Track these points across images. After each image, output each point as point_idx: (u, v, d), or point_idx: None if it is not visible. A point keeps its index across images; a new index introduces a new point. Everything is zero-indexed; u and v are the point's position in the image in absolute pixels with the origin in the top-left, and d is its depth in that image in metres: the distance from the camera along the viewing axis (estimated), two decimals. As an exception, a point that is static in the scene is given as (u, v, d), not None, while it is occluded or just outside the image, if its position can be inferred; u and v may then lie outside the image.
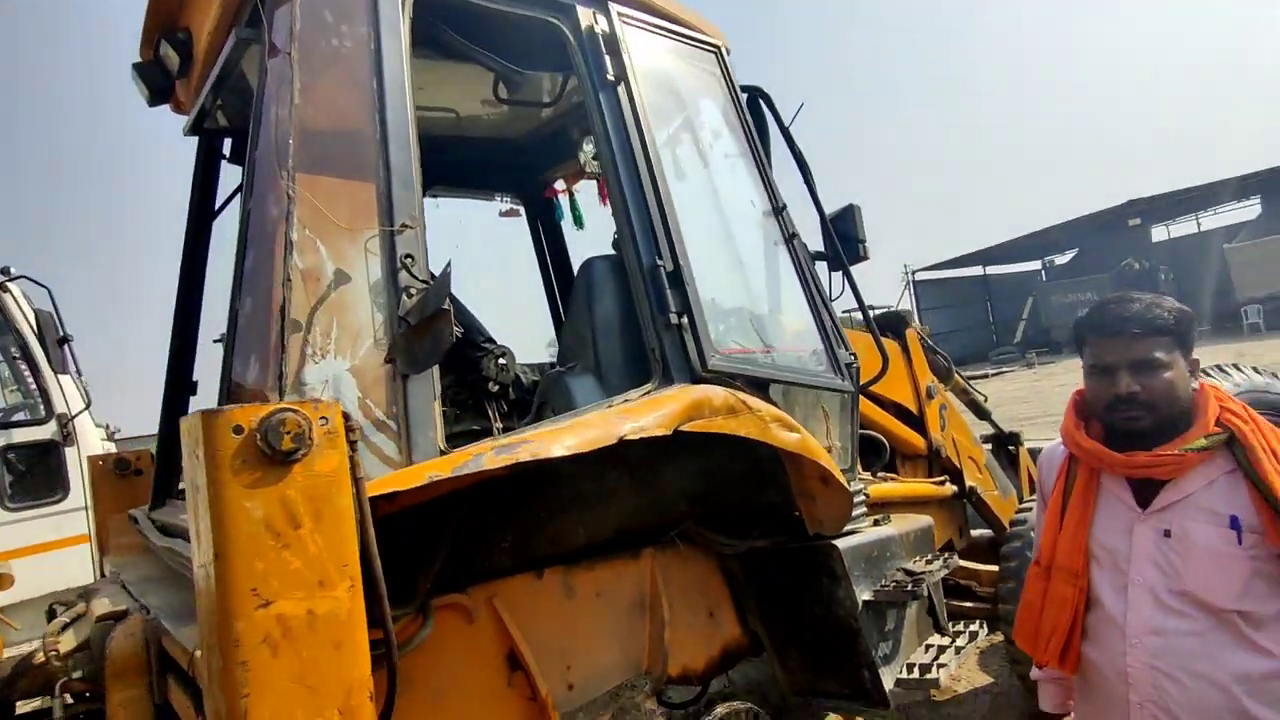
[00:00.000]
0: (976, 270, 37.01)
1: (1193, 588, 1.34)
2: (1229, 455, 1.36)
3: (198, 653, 1.37)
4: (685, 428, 1.76)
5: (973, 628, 2.86)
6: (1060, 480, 1.60)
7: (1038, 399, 14.81)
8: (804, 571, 2.59)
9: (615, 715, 2.14)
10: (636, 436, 1.59)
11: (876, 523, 2.96)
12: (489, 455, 1.40)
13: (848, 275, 2.92)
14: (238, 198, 2.67)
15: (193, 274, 3.02)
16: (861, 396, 3.41)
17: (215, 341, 2.36)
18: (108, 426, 6.42)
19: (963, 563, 3.64)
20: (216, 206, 2.98)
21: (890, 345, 3.45)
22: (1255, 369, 3.79)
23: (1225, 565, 1.32)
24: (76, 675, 1.63)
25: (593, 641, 2.27)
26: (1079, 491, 1.53)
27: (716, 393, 1.91)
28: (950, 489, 3.81)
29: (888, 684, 2.57)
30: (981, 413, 4.48)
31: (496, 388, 2.72)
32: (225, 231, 2.95)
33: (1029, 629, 1.59)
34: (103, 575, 3.23)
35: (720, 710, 1.83)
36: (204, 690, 1.13)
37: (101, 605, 1.85)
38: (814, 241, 3.00)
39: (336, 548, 1.11)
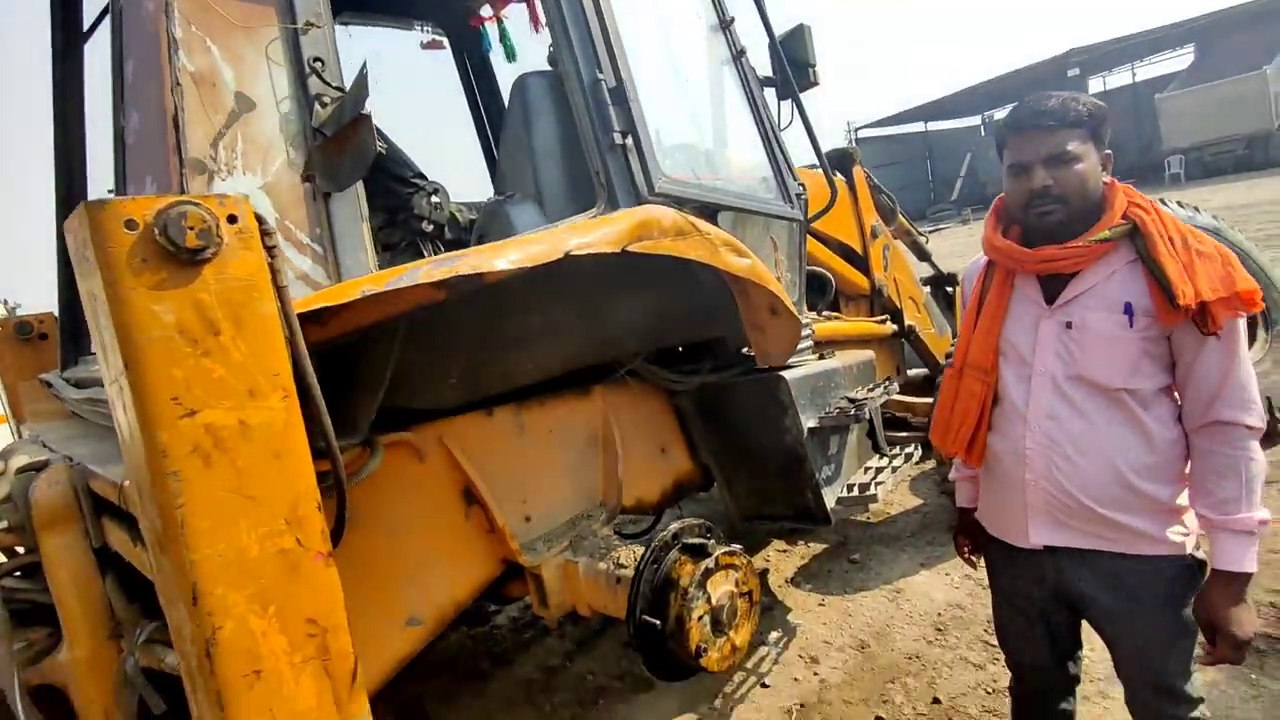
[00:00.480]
0: (919, 127, 36.74)
1: (1087, 372, 1.42)
2: (1131, 247, 1.40)
3: (126, 482, 1.30)
4: (633, 248, 1.69)
5: (908, 450, 3.02)
6: (977, 287, 1.65)
7: (972, 253, 15.15)
8: (752, 404, 2.65)
9: (573, 543, 2.20)
10: (583, 252, 1.51)
11: (821, 357, 3.03)
12: (425, 269, 1.30)
13: (797, 102, 2.78)
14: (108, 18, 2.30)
15: (68, 112, 2.66)
16: (808, 235, 3.38)
17: (110, 192, 2.11)
18: (5, 301, 5.95)
19: (899, 397, 3.81)
20: (86, 27, 2.58)
21: (837, 183, 3.38)
22: (1179, 203, 3.90)
23: (1117, 349, 1.39)
24: (2, 527, 1.55)
25: (547, 476, 2.29)
26: (993, 294, 1.58)
27: (665, 213, 1.82)
28: (890, 328, 3.92)
29: (829, 503, 2.72)
30: (922, 254, 4.54)
31: (430, 227, 2.56)
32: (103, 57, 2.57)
33: (942, 425, 1.67)
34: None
35: (674, 525, 1.89)
36: (137, 513, 1.07)
37: (19, 460, 1.74)
38: (762, 68, 2.83)
39: (265, 357, 1.02)
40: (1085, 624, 1.66)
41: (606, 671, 3.05)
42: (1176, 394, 1.44)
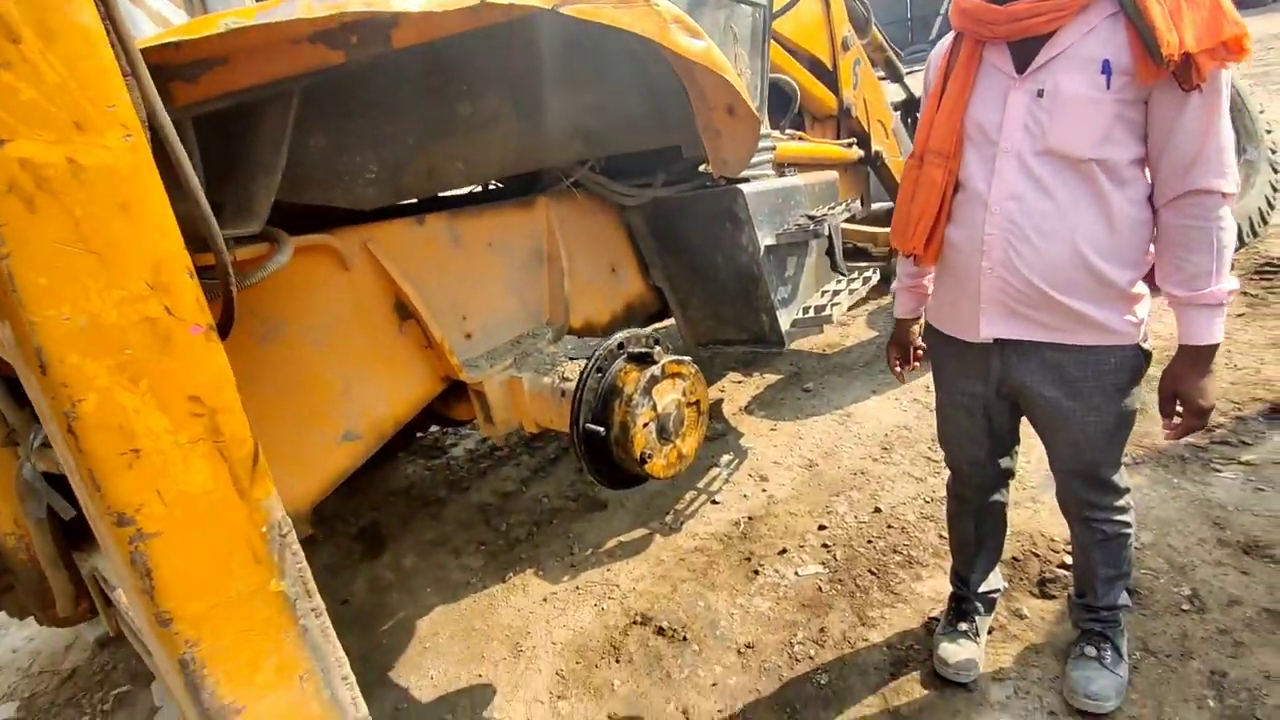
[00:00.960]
0: (901, -43, 34.05)
1: (1057, 143, 1.32)
2: (1112, 0, 1.24)
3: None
4: (565, 10, 1.45)
5: (867, 274, 2.95)
6: (942, 66, 1.50)
7: (944, 97, 14.54)
8: (707, 220, 2.50)
9: (517, 360, 2.12)
10: (504, 1, 1.27)
11: (782, 174, 2.85)
12: (305, 2, 1.07)
13: None
14: None
15: None
16: (775, 45, 3.08)
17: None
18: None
19: (861, 227, 3.70)
20: None
21: (809, -17, 3.04)
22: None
23: (1090, 113, 1.29)
24: None
25: (489, 292, 2.16)
26: (959, 70, 1.45)
27: (603, -28, 1.56)
28: (857, 153, 3.72)
29: (784, 325, 2.66)
30: (895, 73, 4.26)
31: None
32: None
33: (901, 220, 1.58)
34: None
35: (619, 335, 1.80)
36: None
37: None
38: None
39: (91, 83, 0.83)
40: (1024, 423, 1.68)
41: (561, 494, 3.11)
42: (1149, 169, 1.35)
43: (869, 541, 2.42)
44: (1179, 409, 1.41)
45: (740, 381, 3.90)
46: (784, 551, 2.45)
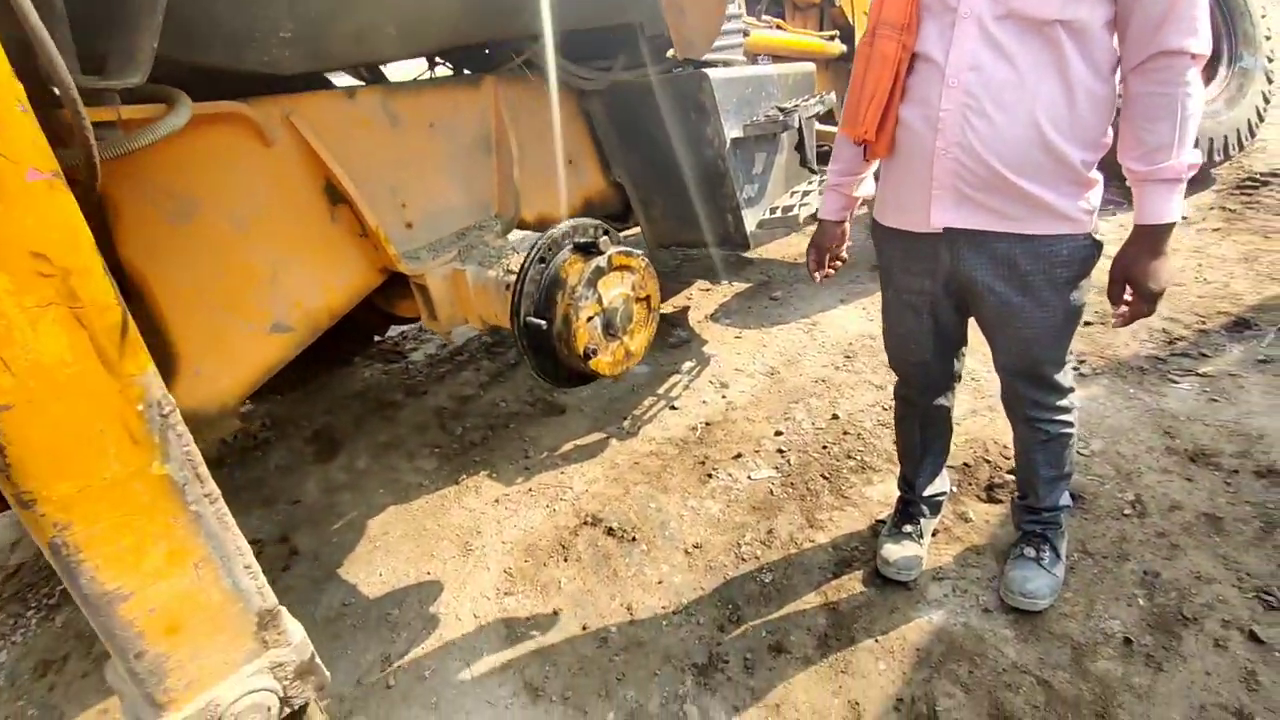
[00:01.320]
0: None
1: (1020, 4, 1.22)
2: None
3: None
4: None
5: (839, 175, 2.82)
6: None
7: None
8: (670, 108, 2.34)
9: (462, 253, 2.00)
10: None
11: (754, 63, 2.67)
12: None
13: None
14: None
15: None
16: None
17: None
18: None
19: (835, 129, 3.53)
20: None
21: None
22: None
23: None
24: None
25: (430, 179, 2.01)
26: None
27: None
28: (838, 48, 3.50)
29: (750, 226, 2.55)
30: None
31: None
32: None
33: (853, 105, 1.47)
34: None
35: (565, 223, 1.68)
36: None
37: None
38: None
39: None
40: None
41: (519, 399, 3.06)
42: (1117, 33, 1.25)
43: (824, 447, 2.41)
44: (1128, 297, 1.36)
45: (708, 289, 3.81)
46: (739, 456, 2.43)
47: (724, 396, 2.80)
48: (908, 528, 1.90)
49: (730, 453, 2.46)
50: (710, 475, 2.37)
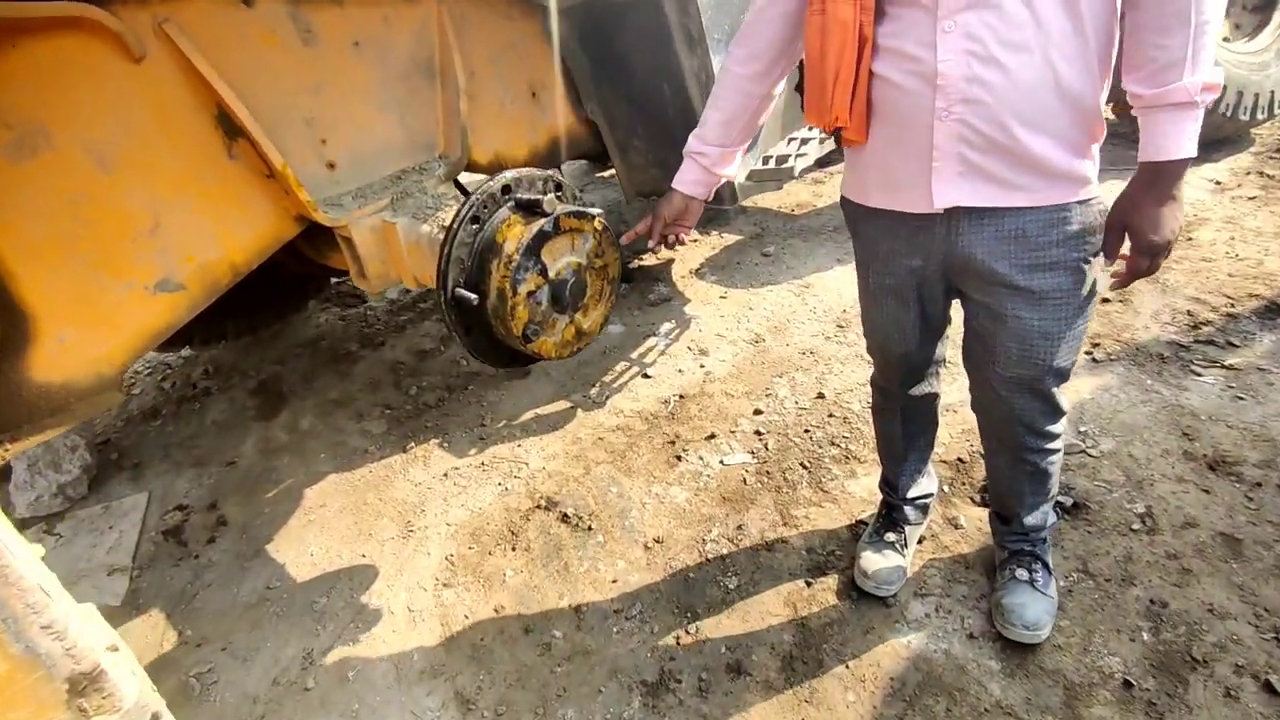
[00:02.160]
0: None
1: None
2: None
3: None
4: None
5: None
6: None
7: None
8: (651, 31, 2.00)
9: (395, 200, 1.71)
10: None
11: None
12: None
13: None
14: None
15: None
16: None
17: None
18: None
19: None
20: None
21: None
22: None
23: None
24: None
25: (358, 110, 1.70)
26: None
27: None
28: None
29: (739, 177, 2.25)
30: None
31: None
32: None
33: (814, 89, 1.20)
34: None
35: (506, 175, 1.40)
36: None
37: None
38: None
39: None
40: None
41: (481, 356, 2.80)
42: None
43: (806, 431, 2.18)
44: (1126, 251, 1.14)
45: (694, 240, 3.51)
46: (712, 437, 2.21)
47: (703, 366, 2.56)
48: (890, 535, 1.69)
49: (703, 432, 2.24)
50: (679, 457, 2.15)
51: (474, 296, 1.34)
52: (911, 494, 1.70)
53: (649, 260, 3.39)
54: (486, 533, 1.99)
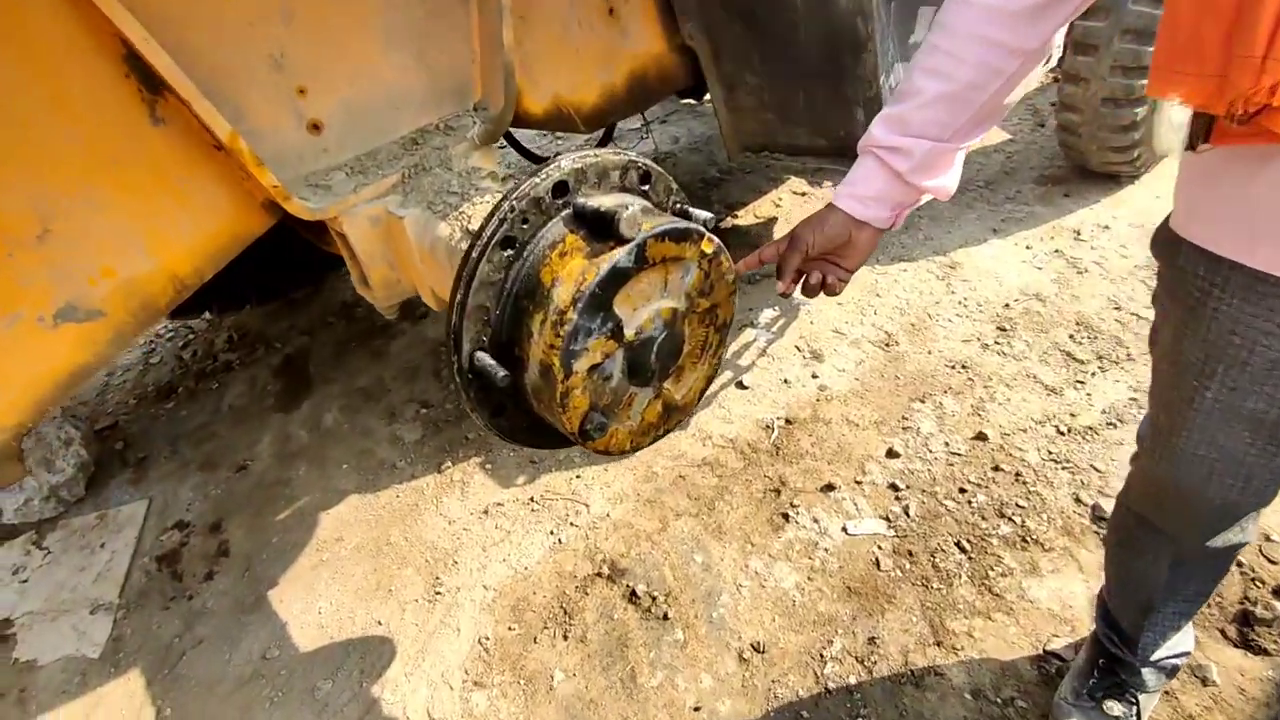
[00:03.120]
0: None
1: None
2: None
3: None
4: None
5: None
6: None
7: None
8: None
9: (408, 178, 1.18)
10: None
11: None
12: None
13: None
14: None
15: None
16: None
17: None
18: None
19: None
20: None
21: None
22: None
23: None
24: None
25: (352, 42, 1.15)
26: None
27: None
28: None
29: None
30: None
31: None
32: None
33: (1187, 34, 0.60)
34: None
35: (565, 162, 0.84)
36: None
37: None
38: None
39: None
40: None
41: (538, 342, 2.30)
42: None
43: (962, 490, 1.61)
44: None
45: (805, 194, 2.84)
46: (830, 488, 1.66)
47: (815, 376, 1.99)
48: (1112, 703, 1.15)
49: (818, 479, 1.69)
50: (786, 516, 1.62)
51: (501, 372, 0.82)
52: (1158, 655, 1.13)
53: (745, 219, 2.76)
54: (532, 606, 1.55)
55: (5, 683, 1.59)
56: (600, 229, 0.82)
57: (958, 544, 1.51)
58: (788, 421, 1.86)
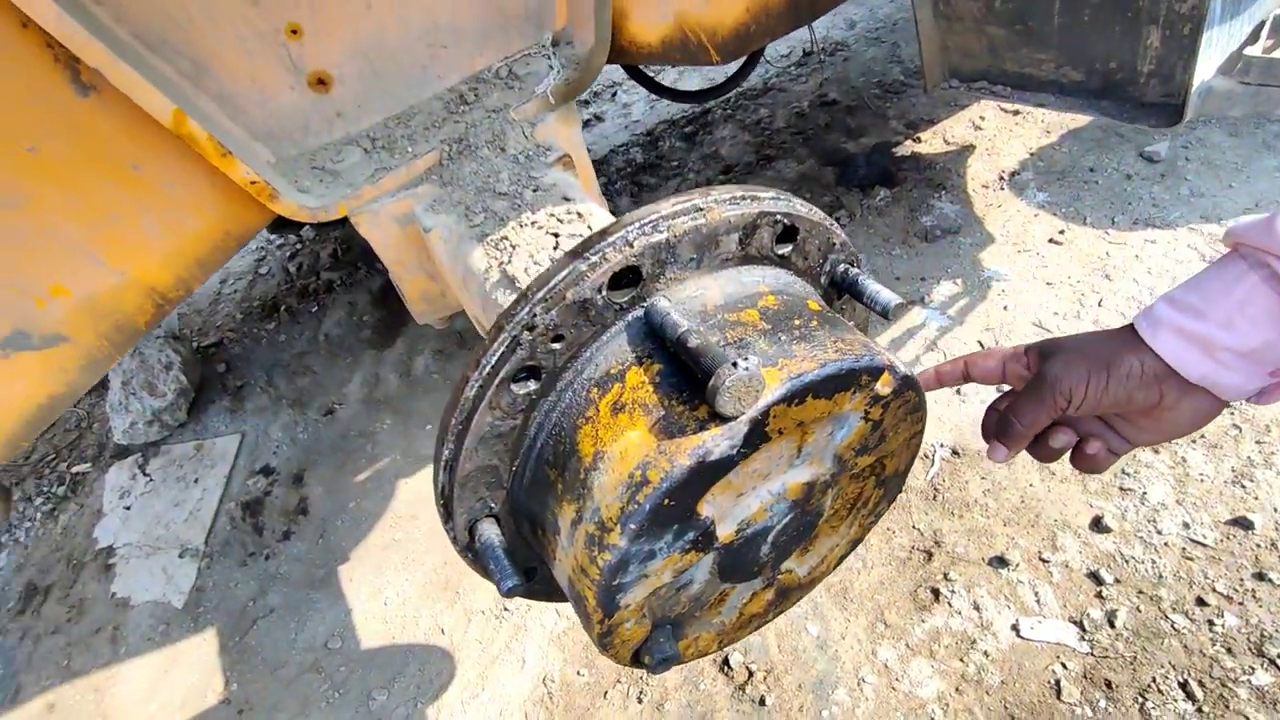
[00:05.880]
0: None
1: None
2: None
3: None
4: None
5: None
6: None
7: None
8: None
9: (446, 158, 0.83)
10: None
11: None
12: None
13: None
14: None
15: None
16: None
17: None
18: None
19: None
20: None
21: None
22: None
23: None
24: None
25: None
26: None
27: None
28: None
29: (1199, 74, 1.02)
30: None
31: None
32: None
33: None
34: None
35: (668, 211, 0.46)
36: None
37: None
38: None
39: None
40: None
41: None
42: None
43: (1202, 603, 1.15)
44: None
45: (1018, 114, 2.16)
46: (1003, 563, 1.26)
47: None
48: None
49: (988, 545, 1.29)
50: (937, 593, 1.25)
51: (511, 583, 0.50)
52: None
53: (930, 144, 2.15)
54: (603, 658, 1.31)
55: (104, 617, 1.62)
56: (689, 369, 0.45)
57: (1183, 685, 1.08)
58: (955, 453, 1.43)
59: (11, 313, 0.78)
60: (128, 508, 1.83)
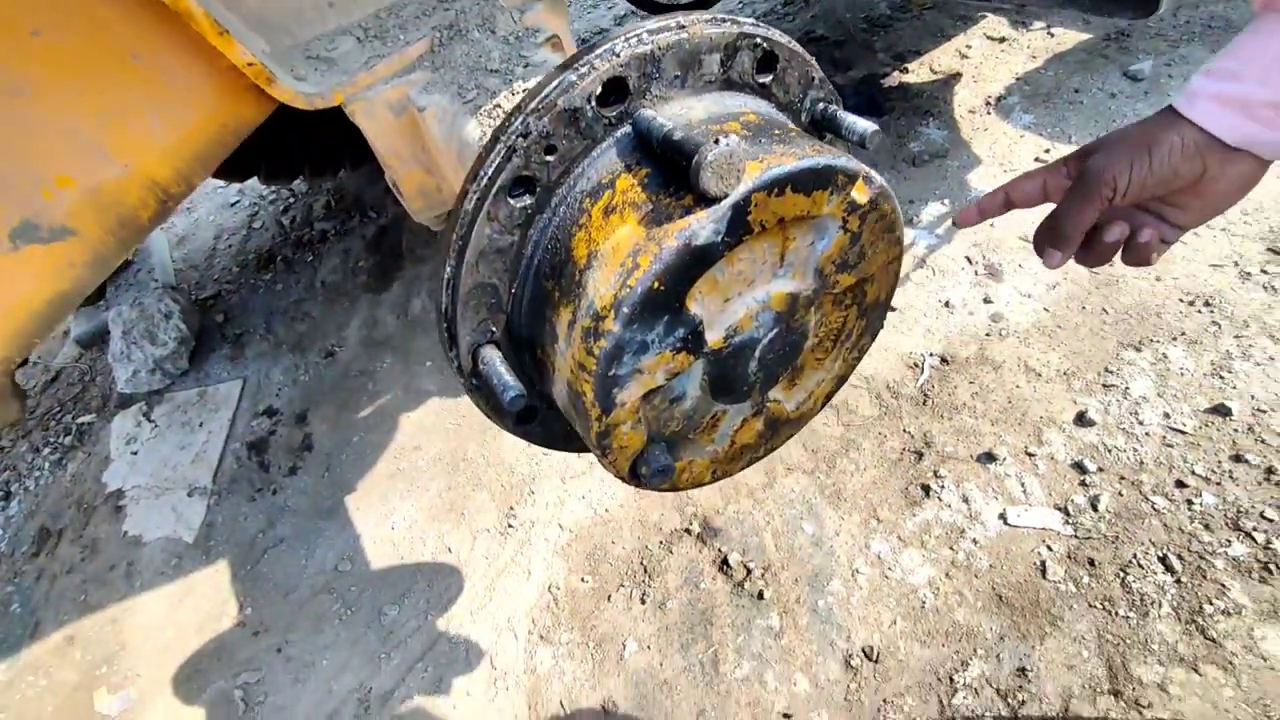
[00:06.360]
0: None
1: None
2: None
3: None
4: None
5: None
6: None
7: None
8: None
9: (436, 46, 0.85)
10: None
11: None
12: None
13: None
14: None
15: None
16: None
17: None
18: None
19: None
20: None
21: None
22: None
23: None
24: None
25: None
26: None
27: None
28: None
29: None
30: None
31: None
32: None
33: None
34: None
35: (620, 42, 0.48)
36: None
37: None
38: None
39: None
40: None
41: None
42: None
43: (1181, 484, 1.20)
44: None
45: (1004, 41, 2.17)
46: (991, 458, 1.30)
47: (988, 300, 1.55)
48: None
49: (976, 443, 1.33)
50: (928, 489, 1.29)
51: (513, 393, 0.53)
52: None
53: (918, 74, 2.16)
54: (609, 558, 1.36)
55: (117, 555, 1.66)
56: (675, 167, 0.47)
57: (1163, 559, 1.13)
58: (944, 360, 1.47)
59: (20, 202, 0.80)
60: (135, 453, 1.86)
